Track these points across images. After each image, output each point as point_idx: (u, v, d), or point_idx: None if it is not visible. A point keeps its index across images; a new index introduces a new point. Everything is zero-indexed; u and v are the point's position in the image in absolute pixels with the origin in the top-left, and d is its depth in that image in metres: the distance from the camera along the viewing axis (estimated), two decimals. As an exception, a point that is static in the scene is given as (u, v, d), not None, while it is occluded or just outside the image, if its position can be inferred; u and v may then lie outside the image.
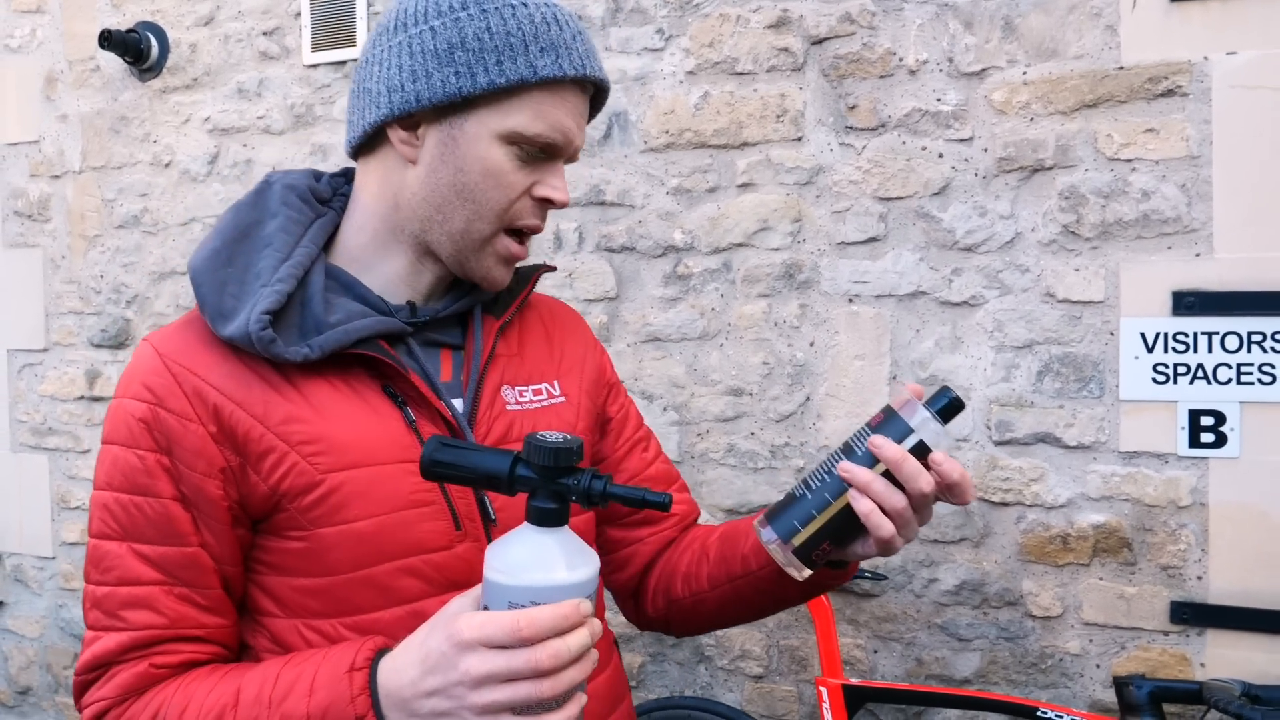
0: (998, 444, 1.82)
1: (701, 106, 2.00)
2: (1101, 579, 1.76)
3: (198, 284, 0.76)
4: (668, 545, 0.97)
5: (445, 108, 0.76)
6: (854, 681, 1.73)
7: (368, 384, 0.77)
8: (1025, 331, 1.80)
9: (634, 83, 2.06)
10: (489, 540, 0.79)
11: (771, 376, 1.97)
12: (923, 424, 0.71)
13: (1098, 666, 1.77)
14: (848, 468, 0.71)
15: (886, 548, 0.73)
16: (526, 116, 0.76)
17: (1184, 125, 1.69)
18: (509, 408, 0.84)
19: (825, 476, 0.73)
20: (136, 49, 2.40)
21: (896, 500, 0.71)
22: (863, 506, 0.71)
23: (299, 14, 2.33)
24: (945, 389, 0.73)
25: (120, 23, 2.49)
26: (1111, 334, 1.74)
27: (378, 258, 0.82)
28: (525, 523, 0.64)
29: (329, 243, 0.83)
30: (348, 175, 0.88)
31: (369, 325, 0.77)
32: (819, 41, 1.92)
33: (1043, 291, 1.79)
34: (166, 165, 2.49)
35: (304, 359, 0.73)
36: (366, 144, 0.81)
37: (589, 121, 0.83)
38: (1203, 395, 1.69)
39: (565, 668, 0.60)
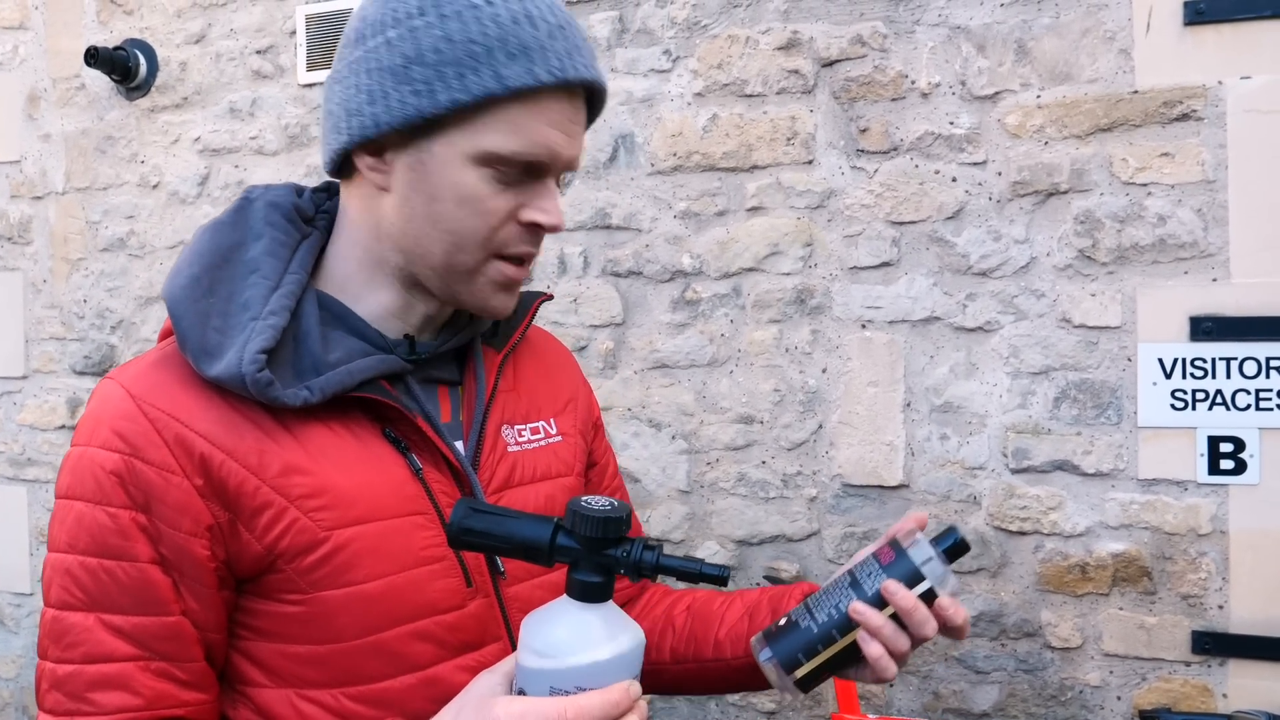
0: (1015, 472, 1.79)
1: (710, 129, 1.97)
2: (1121, 609, 1.74)
3: (176, 317, 0.67)
4: (622, 604, 0.93)
5: (409, 130, 0.68)
6: (871, 717, 1.68)
7: (367, 427, 0.70)
8: (1041, 357, 1.77)
9: (641, 104, 2.02)
10: (498, 595, 0.74)
11: (783, 404, 1.93)
12: (932, 569, 0.72)
13: (1118, 698, 1.74)
14: (859, 610, 0.72)
15: (881, 681, 0.74)
16: (500, 134, 0.66)
17: (1199, 149, 1.68)
18: (510, 449, 0.78)
19: (833, 612, 0.73)
20: (124, 67, 2.33)
21: (902, 644, 0.72)
22: (873, 650, 0.71)
23: (293, 32, 2.27)
24: (952, 529, 0.74)
25: (107, 40, 2.42)
26: (1129, 360, 1.72)
27: (366, 289, 0.74)
28: (564, 596, 0.59)
29: (315, 266, 0.75)
30: (330, 189, 0.81)
31: (371, 365, 0.70)
32: (830, 64, 1.90)
33: (1059, 317, 1.76)
34: (154, 186, 2.42)
35: (304, 403, 0.66)
36: (342, 168, 0.74)
37: (589, 124, 0.74)
38: (1222, 421, 1.67)
39: None
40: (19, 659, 2.59)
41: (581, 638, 0.57)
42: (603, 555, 0.58)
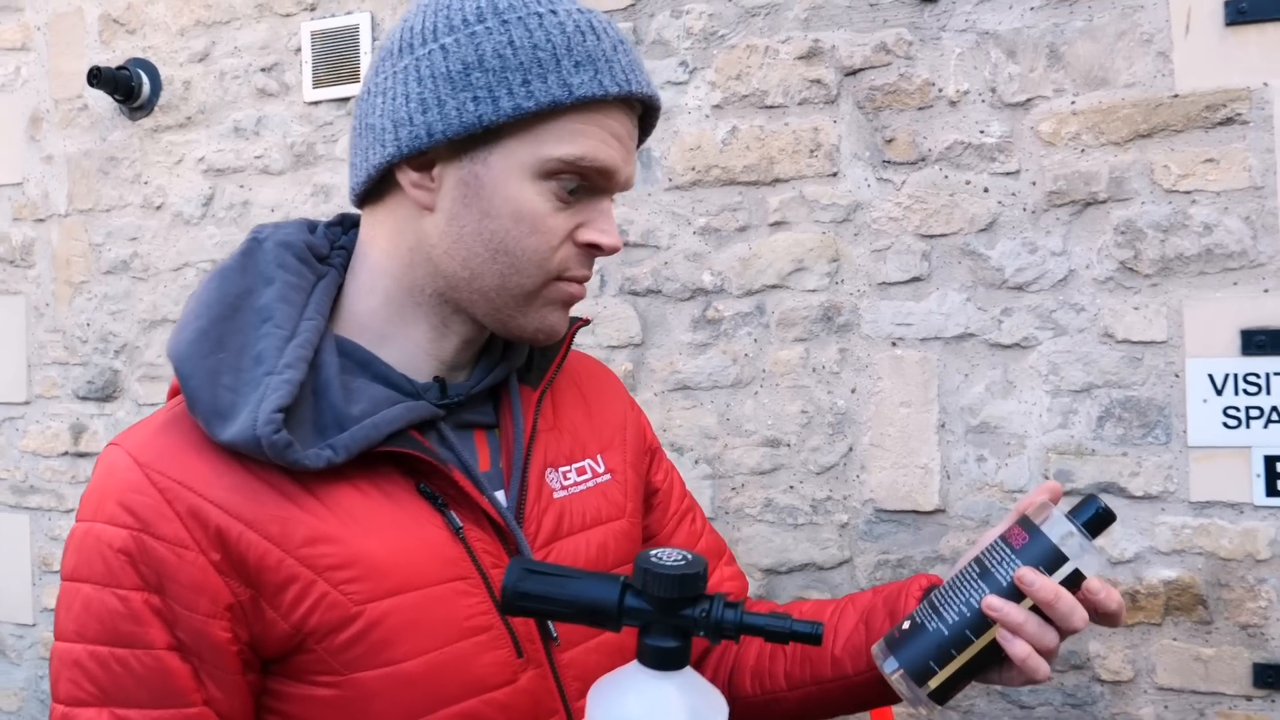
0: (1057, 495, 1.70)
1: (729, 141, 1.91)
2: (1175, 639, 1.64)
3: (184, 375, 0.61)
4: None
5: (463, 141, 0.63)
6: (912, 757, 1.59)
7: (399, 484, 0.64)
8: (1083, 374, 1.69)
9: (657, 117, 1.96)
10: (551, 664, 0.67)
11: (810, 426, 1.85)
12: (1073, 547, 0.62)
13: (1173, 734, 1.65)
14: (995, 605, 0.62)
15: (1031, 682, 0.65)
16: (562, 143, 0.63)
17: (1245, 155, 1.60)
18: (556, 495, 0.71)
19: (964, 609, 0.63)
20: (127, 87, 2.29)
21: (1050, 640, 0.63)
22: (1018, 650, 0.62)
23: (299, 50, 2.22)
24: (1093, 498, 0.64)
25: (110, 60, 2.38)
26: (1176, 376, 1.64)
27: (394, 326, 0.68)
28: (635, 663, 0.52)
29: (332, 309, 0.69)
30: (344, 223, 0.75)
31: (399, 415, 0.63)
32: (853, 72, 1.83)
33: (1100, 332, 1.68)
34: (158, 207, 2.36)
35: (327, 464, 0.60)
36: (374, 190, 0.68)
37: (639, 146, 0.70)
38: (1278, 440, 1.58)
39: None
40: (21, 691, 2.51)
41: (659, 711, 0.51)
42: (678, 616, 0.52)
